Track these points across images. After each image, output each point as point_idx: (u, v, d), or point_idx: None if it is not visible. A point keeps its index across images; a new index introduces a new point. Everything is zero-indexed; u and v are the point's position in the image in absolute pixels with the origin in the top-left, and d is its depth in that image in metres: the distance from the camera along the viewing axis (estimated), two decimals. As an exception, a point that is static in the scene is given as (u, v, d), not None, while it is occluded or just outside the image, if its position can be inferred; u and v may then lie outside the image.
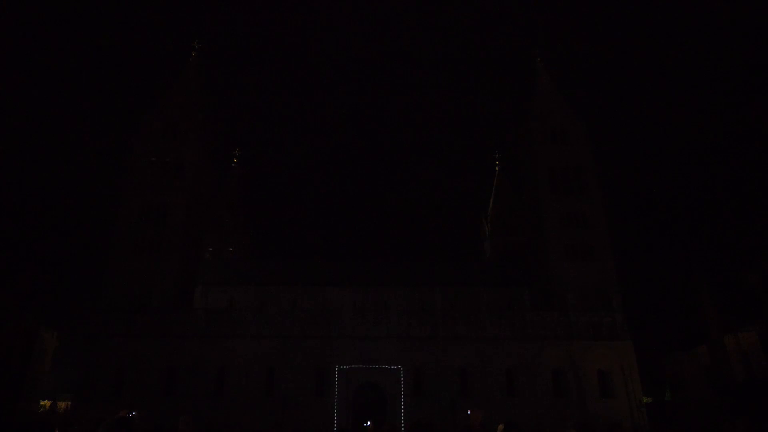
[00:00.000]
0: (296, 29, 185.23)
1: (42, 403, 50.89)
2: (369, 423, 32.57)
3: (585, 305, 45.76)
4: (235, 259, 65.66)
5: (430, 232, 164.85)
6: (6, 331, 40.81)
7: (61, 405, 51.46)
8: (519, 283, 50.52)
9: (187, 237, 52.34)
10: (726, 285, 48.24)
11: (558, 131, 57.29)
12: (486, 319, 43.97)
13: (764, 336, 42.26)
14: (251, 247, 75.53)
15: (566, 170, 54.75)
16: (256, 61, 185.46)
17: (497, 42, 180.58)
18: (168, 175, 53.25)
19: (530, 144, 57.93)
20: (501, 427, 9.25)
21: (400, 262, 57.01)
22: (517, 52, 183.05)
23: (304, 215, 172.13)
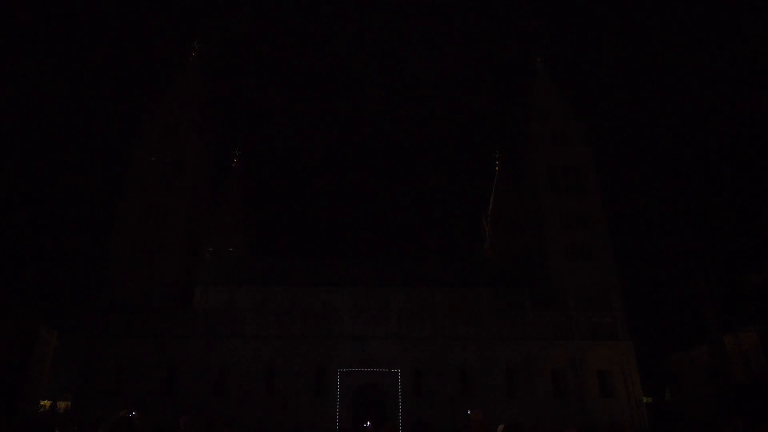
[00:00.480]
0: (296, 29, 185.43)
1: (42, 403, 50.89)
2: (369, 423, 32.51)
3: (585, 305, 45.76)
4: (235, 259, 65.58)
5: (430, 231, 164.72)
6: (6, 331, 40.82)
7: (61, 405, 51.40)
8: (519, 283, 50.53)
9: (187, 237, 52.32)
10: (726, 285, 48.22)
11: (558, 131, 57.31)
12: (486, 319, 44.01)
13: (764, 336, 42.30)
14: (251, 246, 75.45)
15: (566, 170, 54.78)
16: (256, 61, 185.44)
17: (497, 42, 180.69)
18: (168, 175, 53.25)
19: (530, 144, 57.94)
20: (502, 427, 9.22)
21: (400, 262, 57.03)
22: (518, 52, 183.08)
23: (305, 215, 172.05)
